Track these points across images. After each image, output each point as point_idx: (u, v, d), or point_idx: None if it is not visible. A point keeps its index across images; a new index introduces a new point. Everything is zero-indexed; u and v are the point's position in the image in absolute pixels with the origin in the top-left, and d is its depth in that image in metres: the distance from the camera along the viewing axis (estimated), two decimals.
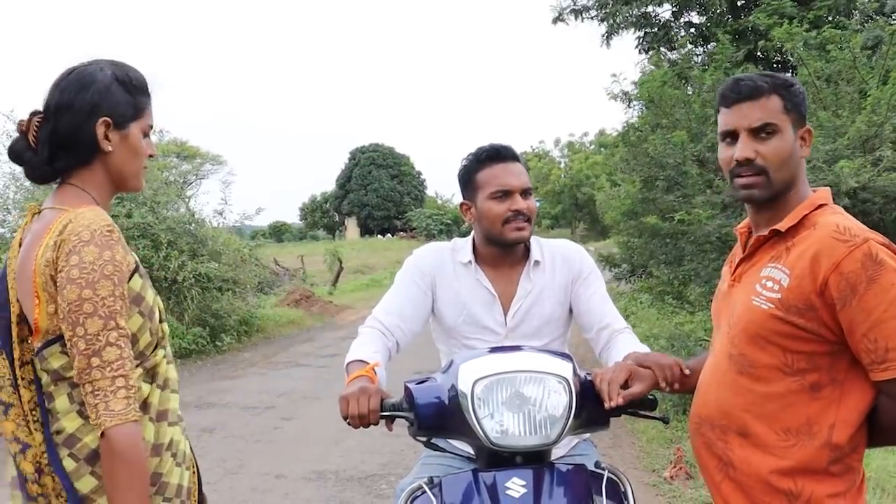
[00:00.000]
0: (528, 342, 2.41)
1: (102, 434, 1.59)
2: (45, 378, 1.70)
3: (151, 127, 1.87)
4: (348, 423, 1.98)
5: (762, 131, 1.81)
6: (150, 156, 1.89)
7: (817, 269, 1.68)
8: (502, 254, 2.49)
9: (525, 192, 2.42)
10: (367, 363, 2.20)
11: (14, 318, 1.70)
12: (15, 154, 1.80)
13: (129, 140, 1.80)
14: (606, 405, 1.91)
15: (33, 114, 1.78)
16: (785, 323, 1.73)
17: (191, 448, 1.97)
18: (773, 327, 1.75)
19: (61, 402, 1.69)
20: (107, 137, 1.77)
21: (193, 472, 1.94)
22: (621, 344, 2.34)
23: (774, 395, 1.77)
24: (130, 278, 1.72)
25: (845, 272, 1.64)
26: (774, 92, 1.82)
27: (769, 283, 1.78)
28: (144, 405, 1.75)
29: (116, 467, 1.59)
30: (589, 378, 1.98)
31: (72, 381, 1.66)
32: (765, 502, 1.78)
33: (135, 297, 1.73)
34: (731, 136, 1.86)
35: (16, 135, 1.81)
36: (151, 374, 1.79)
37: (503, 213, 2.40)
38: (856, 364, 1.71)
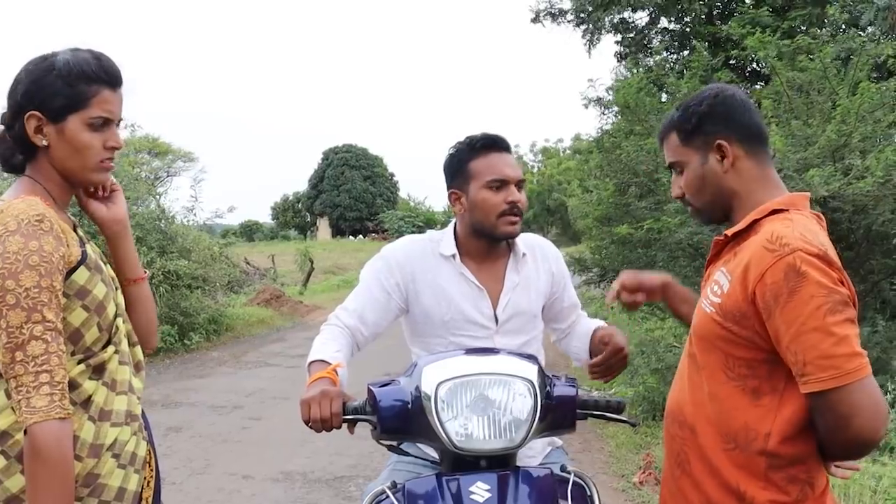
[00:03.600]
0: (515, 337, 2.42)
1: (25, 431, 1.54)
2: None
3: (104, 119, 1.75)
4: (310, 427, 1.94)
5: (674, 169, 1.98)
6: (113, 148, 1.78)
7: (747, 278, 1.69)
8: (487, 247, 2.44)
9: (519, 184, 2.39)
10: (329, 364, 2.15)
11: None
12: None
13: (66, 134, 1.72)
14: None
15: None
16: (723, 328, 1.75)
17: (152, 453, 1.92)
18: (714, 331, 1.77)
19: (0, 397, 1.64)
20: (40, 132, 1.72)
21: (150, 478, 1.88)
22: (583, 321, 2.63)
23: (718, 396, 1.79)
24: (75, 271, 1.67)
25: (769, 283, 1.65)
26: (671, 129, 1.94)
27: (715, 288, 1.81)
28: (86, 402, 1.70)
29: (35, 466, 1.54)
30: (555, 381, 1.97)
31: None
32: (717, 500, 1.78)
33: (78, 290, 1.68)
34: None
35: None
36: (98, 372, 1.74)
37: (499, 204, 2.35)
38: None
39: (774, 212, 1.80)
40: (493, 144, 2.40)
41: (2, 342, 1.56)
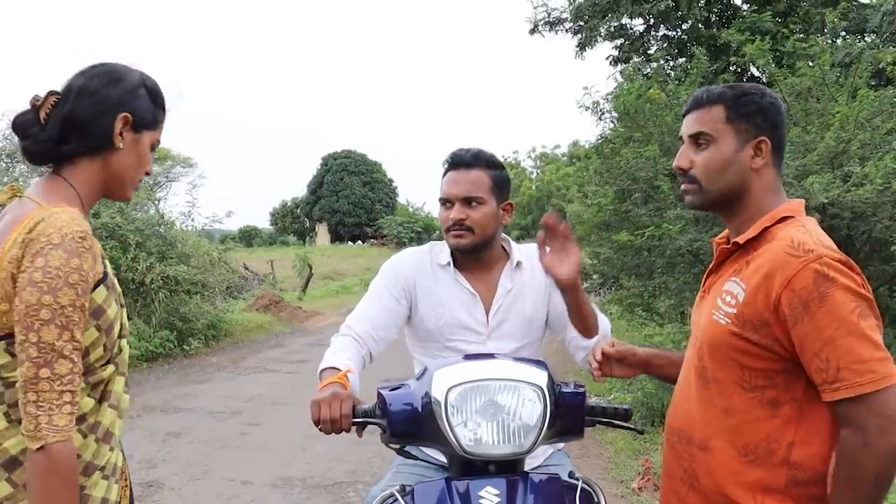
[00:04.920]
0: (507, 342, 2.44)
1: (41, 448, 1.53)
2: None
3: (158, 143, 1.87)
4: (320, 429, 1.96)
5: (698, 140, 1.86)
6: (147, 173, 1.86)
7: (770, 286, 1.67)
8: (473, 256, 2.51)
9: (468, 201, 2.43)
10: (340, 370, 2.18)
11: None
12: (20, 127, 1.74)
13: (140, 146, 1.80)
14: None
15: (51, 93, 1.74)
16: (740, 339, 1.73)
17: (125, 461, 1.92)
18: (730, 342, 1.75)
19: None
20: (122, 134, 1.75)
21: (125, 487, 1.88)
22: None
23: (734, 409, 1.76)
24: (95, 289, 1.66)
25: (797, 289, 1.63)
26: (719, 102, 1.85)
27: (727, 298, 1.78)
28: (85, 421, 1.69)
29: (53, 484, 1.54)
30: (563, 387, 1.98)
31: (7, 382, 1.60)
32: None
33: (95, 309, 1.67)
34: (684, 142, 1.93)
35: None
36: (101, 393, 1.73)
37: (445, 220, 2.47)
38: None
39: (782, 219, 1.80)
40: (452, 162, 2.51)
41: (29, 355, 1.54)
